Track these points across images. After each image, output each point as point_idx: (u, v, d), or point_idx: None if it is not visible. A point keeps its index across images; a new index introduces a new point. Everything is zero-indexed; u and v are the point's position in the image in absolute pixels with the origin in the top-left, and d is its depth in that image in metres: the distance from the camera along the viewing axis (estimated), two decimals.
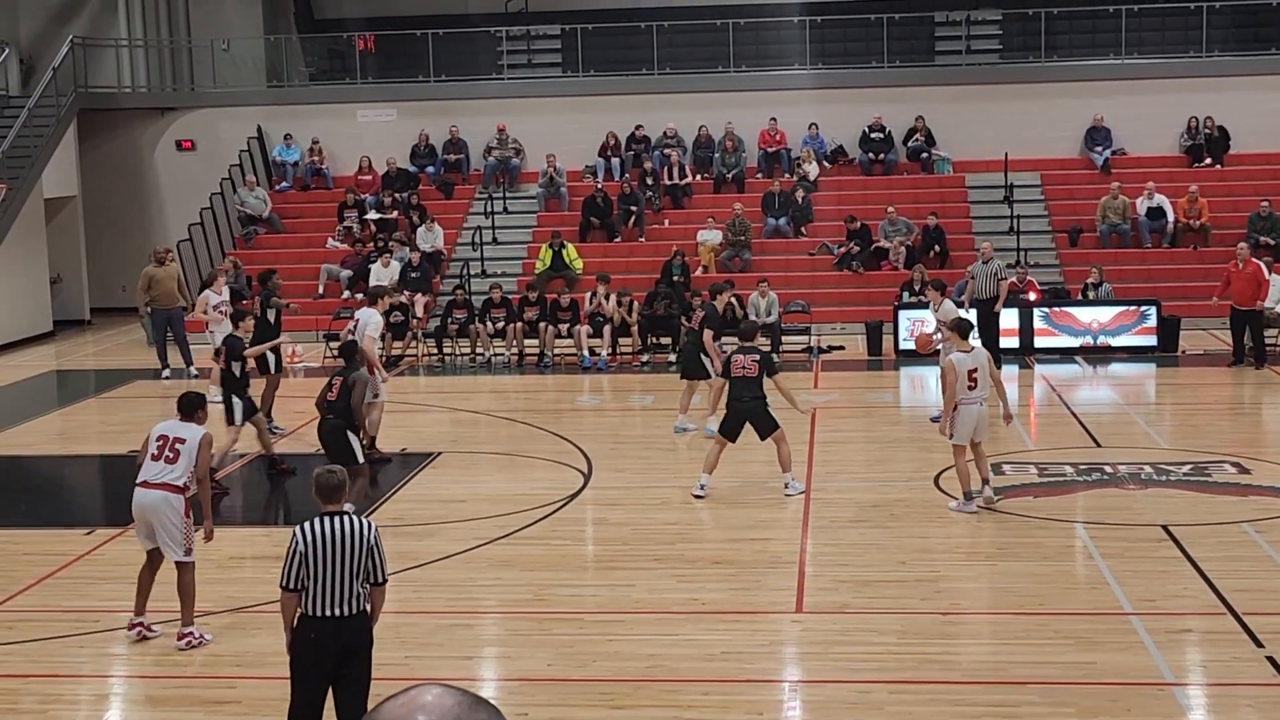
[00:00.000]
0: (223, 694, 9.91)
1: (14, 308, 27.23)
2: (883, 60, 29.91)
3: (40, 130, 27.92)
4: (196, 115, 30.71)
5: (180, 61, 32.40)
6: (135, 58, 31.61)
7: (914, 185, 28.53)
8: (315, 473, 8.34)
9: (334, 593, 8.02)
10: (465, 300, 24.52)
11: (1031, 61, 29.84)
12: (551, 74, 31.53)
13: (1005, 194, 27.98)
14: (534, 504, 14.63)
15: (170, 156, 30.77)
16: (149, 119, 30.80)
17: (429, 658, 10.37)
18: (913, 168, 28.97)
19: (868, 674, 9.96)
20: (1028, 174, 28.47)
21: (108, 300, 30.31)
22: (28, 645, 10.98)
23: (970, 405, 13.63)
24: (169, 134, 30.78)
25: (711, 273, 26.20)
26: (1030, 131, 28.63)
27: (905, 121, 29.00)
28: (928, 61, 30.83)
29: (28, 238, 27.55)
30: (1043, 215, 27.78)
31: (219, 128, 30.43)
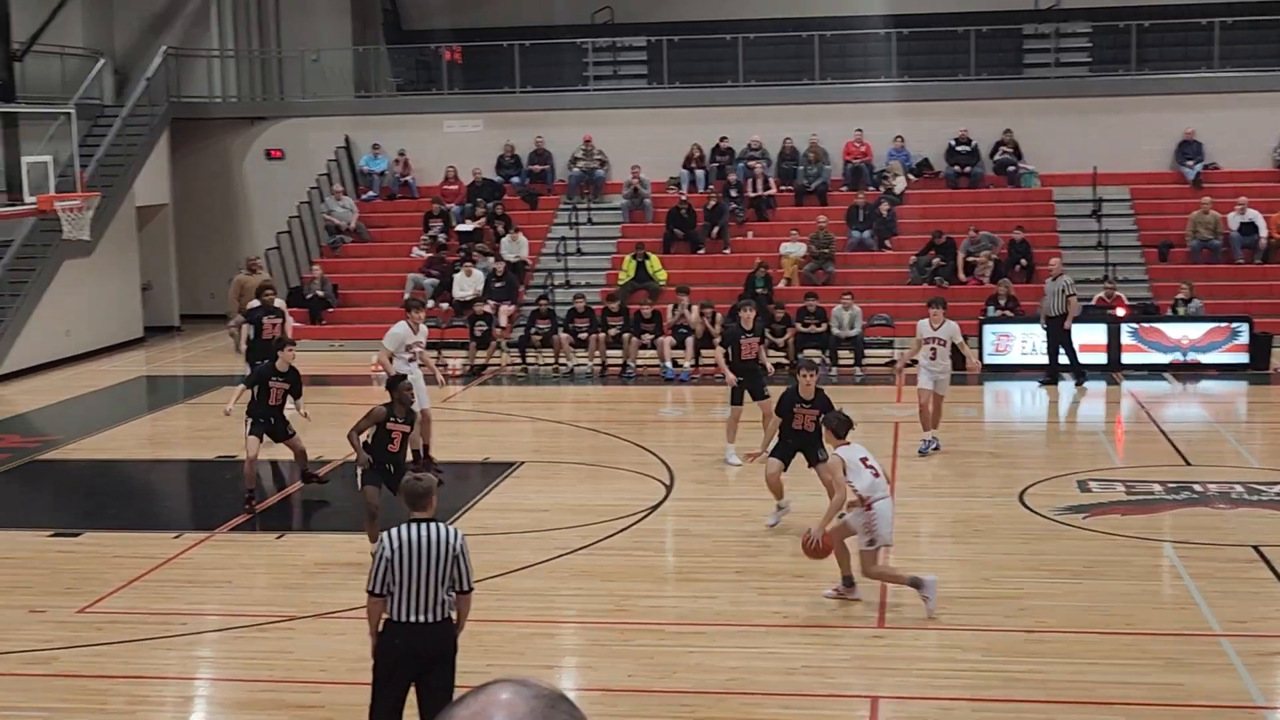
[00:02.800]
0: (307, 698, 10.01)
1: (106, 314, 27.68)
2: (970, 73, 29.69)
3: (133, 139, 28.38)
4: (286, 125, 31.09)
5: (270, 72, 32.82)
6: (226, 68, 32.07)
7: (1000, 199, 28.28)
8: (404, 479, 8.40)
9: (420, 599, 8.07)
10: (549, 310, 24.62)
11: (1121, 74, 29.49)
12: (637, 85, 31.60)
13: (1094, 208, 27.66)
14: (616, 514, 14.64)
15: (259, 166, 31.18)
16: (239, 128, 31.22)
17: (510, 666, 10.40)
18: (999, 181, 28.72)
19: (951, 691, 9.88)
20: (1117, 188, 28.12)
21: (197, 307, 30.74)
22: (116, 647, 11.14)
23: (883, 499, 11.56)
24: (259, 143, 31.19)
25: (795, 285, 26.13)
26: (1120, 145, 28.29)
27: (992, 135, 28.76)
28: (1016, 74, 30.56)
29: (120, 245, 28.01)
30: (1132, 230, 27.42)
31: (308, 137, 30.78)
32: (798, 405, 13.75)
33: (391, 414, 12.69)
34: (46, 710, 9.90)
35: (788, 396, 13.90)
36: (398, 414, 12.73)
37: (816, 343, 23.76)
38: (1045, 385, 21.93)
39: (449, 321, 25.68)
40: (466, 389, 23.09)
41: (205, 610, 12.11)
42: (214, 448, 18.51)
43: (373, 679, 8.33)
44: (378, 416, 12.67)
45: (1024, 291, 24.82)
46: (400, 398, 12.80)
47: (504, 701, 2.28)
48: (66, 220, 23.06)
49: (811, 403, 13.68)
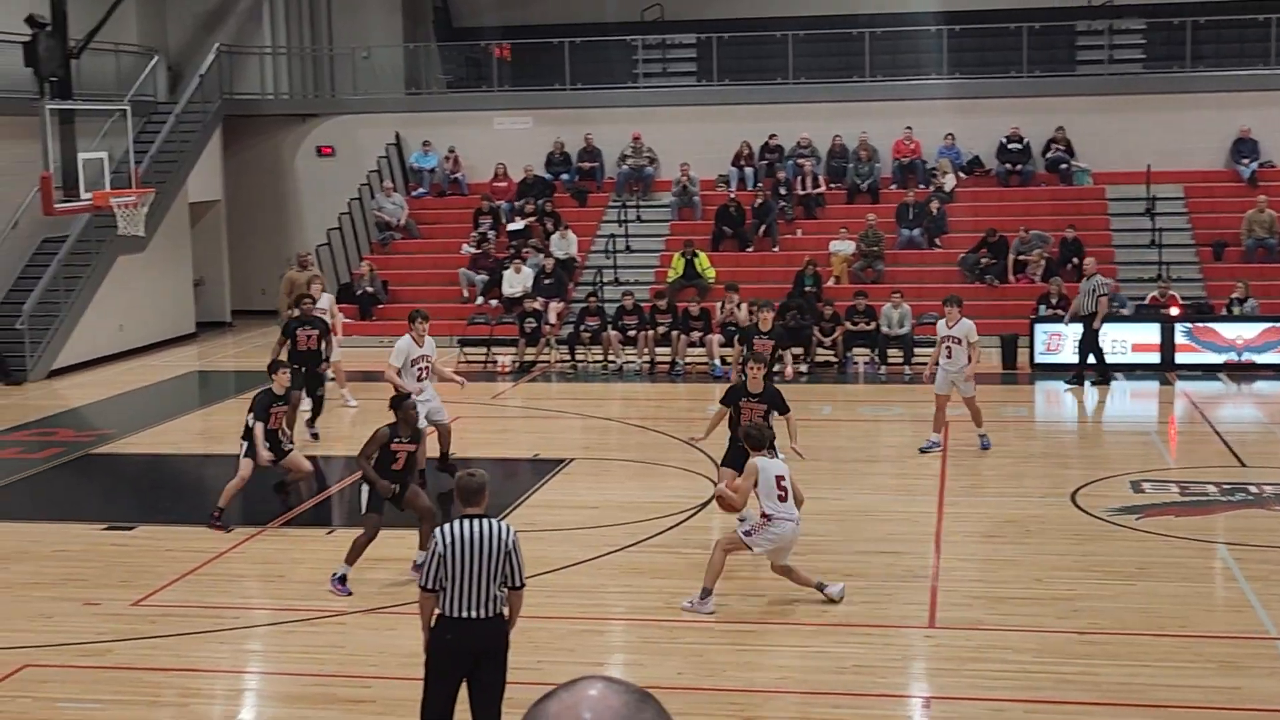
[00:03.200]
0: (358, 692, 10.05)
1: (159, 309, 27.92)
2: (1022, 70, 29.49)
3: (186, 136, 28.59)
4: (337, 122, 31.25)
5: (322, 69, 33.00)
6: (279, 65, 32.26)
7: (1052, 197, 28.08)
8: (457, 476, 8.42)
9: (472, 595, 8.09)
10: (598, 307, 24.64)
11: (1176, 71, 29.21)
12: (686, 83, 31.57)
13: (1147, 206, 27.43)
14: (665, 512, 14.64)
15: (310, 162, 31.36)
16: (291, 125, 31.40)
17: (560, 662, 10.41)
18: (1051, 179, 28.52)
19: (1002, 692, 9.82)
20: (1171, 186, 27.85)
21: (248, 303, 30.95)
22: (169, 640, 11.23)
23: (785, 521, 11.49)
24: (310, 140, 31.36)
25: (844, 283, 26.05)
26: (1174, 143, 28.03)
27: (1044, 132, 28.56)
28: (1068, 71, 30.35)
29: (173, 241, 28.24)
30: (1185, 229, 27.18)
31: (358, 134, 30.92)
32: (745, 399, 13.26)
33: (396, 434, 12.24)
34: (101, 702, 9.99)
35: (735, 389, 13.51)
36: (402, 433, 12.27)
37: (865, 341, 23.69)
38: (1071, 386, 21.82)
39: (498, 318, 25.74)
40: (516, 386, 23.14)
41: (257, 604, 12.20)
42: None
43: (425, 674, 8.36)
44: (381, 439, 12.19)
45: (1075, 291, 24.61)
46: (405, 417, 12.33)
47: (593, 698, 2.30)
48: (121, 216, 23.26)
49: (759, 396, 13.23)
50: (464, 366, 24.40)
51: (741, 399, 13.26)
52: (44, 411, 21.67)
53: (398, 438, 12.25)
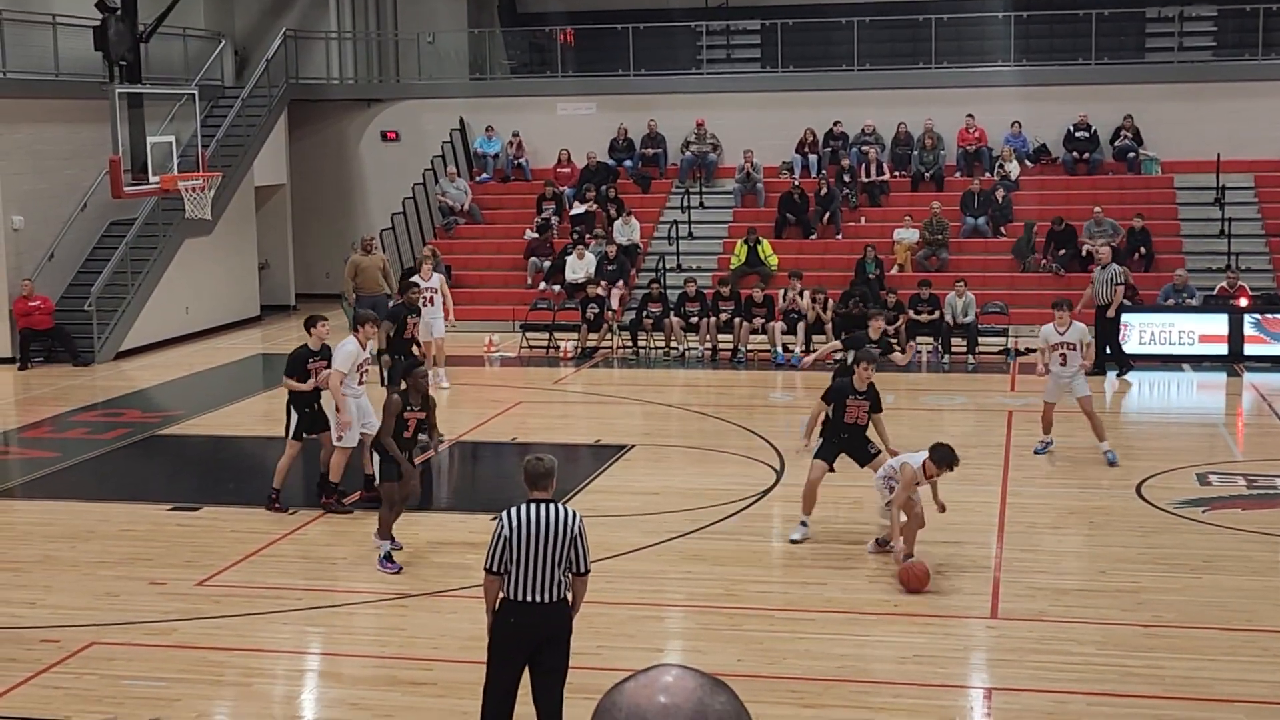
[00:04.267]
0: (420, 675, 10.10)
1: (224, 292, 28.16)
2: (1090, 57, 29.17)
3: (252, 120, 28.81)
4: (401, 107, 31.38)
5: (386, 54, 33.14)
6: (344, 50, 32.43)
7: (1120, 185, 27.77)
8: (525, 459, 8.41)
9: (536, 579, 8.09)
10: (660, 294, 24.62)
11: (1247, 59, 28.80)
12: (750, 69, 31.46)
13: (1216, 195, 27.07)
14: (726, 499, 14.62)
15: (375, 147, 31.51)
16: (356, 110, 31.57)
17: (620, 648, 10.43)
18: (1119, 168, 28.21)
19: (1065, 684, 9.74)
20: (1240, 175, 27.47)
21: (312, 286, 31.15)
22: (233, 619, 11.33)
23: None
24: (374, 125, 31.51)
25: (908, 271, 25.89)
26: (1244, 131, 27.64)
27: (1112, 120, 28.24)
28: (1137, 59, 29.97)
29: (239, 224, 28.47)
30: (1255, 219, 26.80)
31: (422, 119, 31.04)
32: (851, 397, 13.14)
33: (408, 402, 12.46)
34: (166, 680, 10.09)
35: (841, 387, 13.36)
36: (413, 401, 12.49)
37: (929, 330, 23.55)
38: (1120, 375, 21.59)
39: (561, 304, 25.78)
40: (578, 371, 23.17)
41: (319, 586, 12.28)
42: None
43: (488, 657, 8.38)
44: (395, 408, 12.36)
45: (1143, 280, 24.39)
46: (414, 384, 12.58)
47: (667, 684, 2.35)
48: (189, 199, 23.48)
49: (865, 394, 13.18)
50: (526, 351, 24.49)
51: (849, 397, 13.16)
52: (111, 393, 21.93)
53: (409, 406, 12.47)
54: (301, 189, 31.18)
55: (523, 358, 24.23)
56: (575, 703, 8.32)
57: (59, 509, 15.20)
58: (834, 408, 13.20)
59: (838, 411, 13.17)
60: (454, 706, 9.30)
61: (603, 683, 8.85)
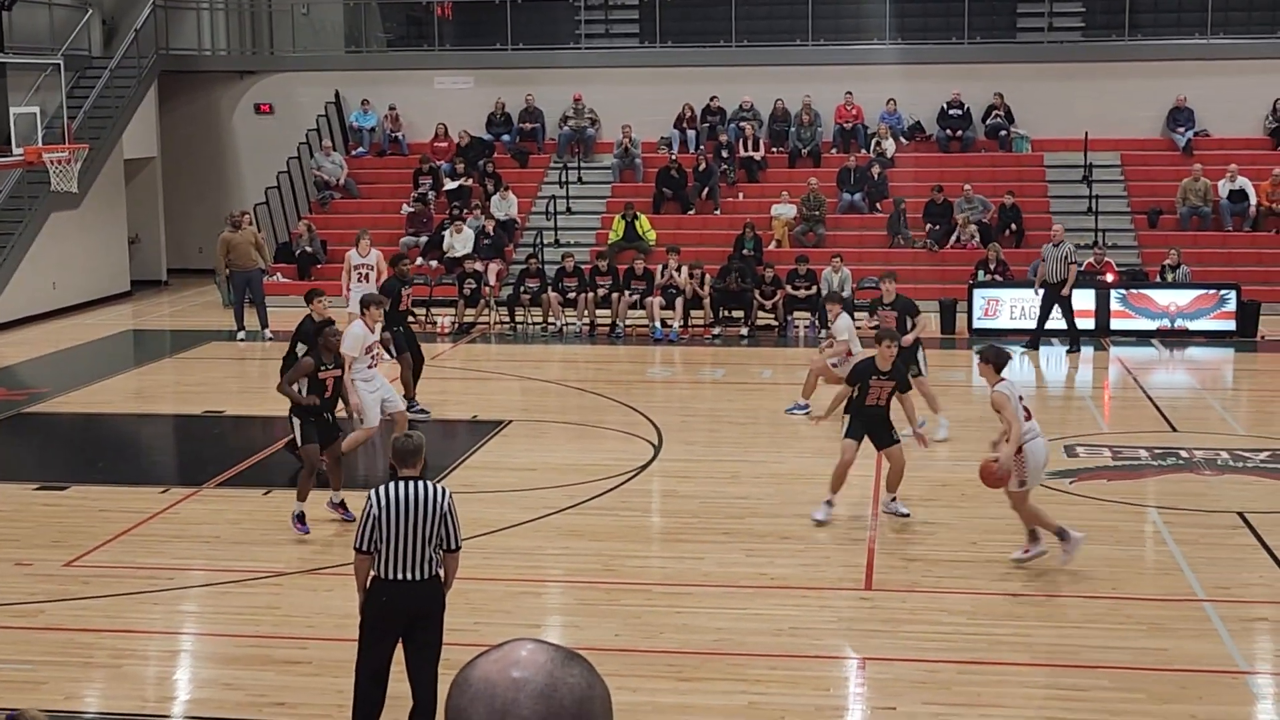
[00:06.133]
0: (294, 654, 10.01)
1: (93, 267, 27.58)
2: (963, 36, 29.58)
3: (121, 91, 28.20)
4: (275, 79, 30.91)
5: (260, 25, 32.61)
6: (216, 20, 31.85)
7: (992, 163, 28.23)
8: (393, 437, 8.38)
9: (406, 557, 8.07)
10: (538, 269, 24.57)
11: (1114, 40, 29.40)
12: (629, 44, 31.44)
13: (1084, 174, 27.63)
14: (603, 474, 14.66)
15: (249, 120, 31.01)
16: (228, 82, 31.04)
17: (497, 624, 10.42)
18: (991, 145, 28.66)
19: (936, 653, 9.92)
20: (1108, 154, 28.08)
21: (185, 261, 30.63)
22: (102, 600, 11.15)
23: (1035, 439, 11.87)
24: (248, 97, 31.01)
25: (785, 247, 26.09)
26: (1111, 111, 28.23)
27: (984, 99, 28.67)
28: (1009, 38, 30.43)
29: (107, 198, 27.87)
30: (1122, 196, 27.41)
31: (297, 92, 30.61)
32: (875, 377, 13.04)
33: (321, 362, 12.65)
34: (33, 663, 9.90)
35: (864, 366, 13.22)
36: (326, 360, 12.68)
37: (806, 305, 23.77)
38: (1028, 350, 21.90)
39: (438, 279, 25.62)
40: (455, 347, 23.06)
41: (192, 565, 12.10)
42: (201, 402, 18.50)
43: (360, 636, 8.34)
44: (307, 368, 12.61)
45: (1013, 256, 24.84)
46: (326, 344, 12.71)
47: (520, 658, 2.37)
48: (54, 172, 22.92)
49: (889, 374, 13.06)
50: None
51: (871, 377, 13.01)
52: None
53: (323, 365, 12.63)
54: (173, 162, 30.59)
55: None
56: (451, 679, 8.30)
57: None
58: (858, 388, 13.08)
59: (861, 392, 13.04)
60: (329, 685, 9.24)
61: None
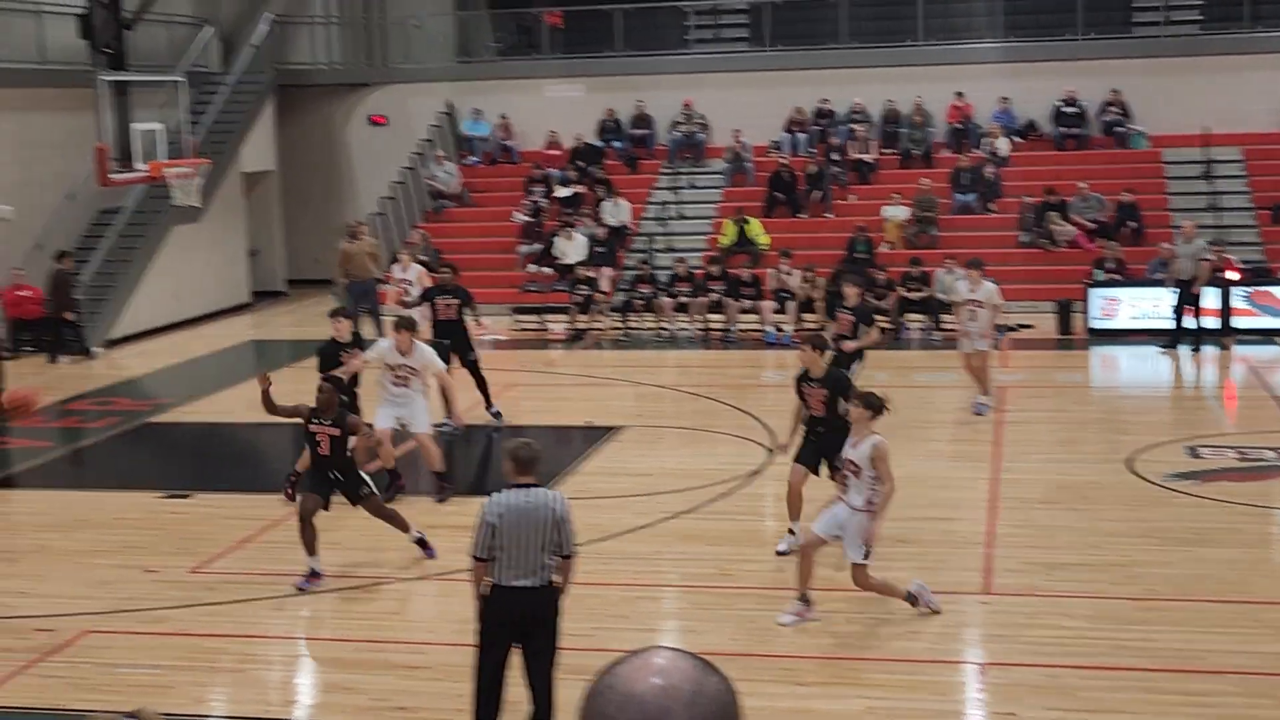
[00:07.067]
0: (414, 659, 10.13)
1: (214, 279, 28.12)
2: (1077, 32, 29.14)
3: (240, 107, 28.73)
4: (389, 91, 31.31)
5: (374, 38, 33.05)
6: (330, 35, 32.34)
7: (1108, 160, 27.77)
8: (508, 444, 8.42)
9: (523, 563, 8.12)
10: (650, 275, 24.62)
11: (1234, 32, 28.78)
12: (738, 48, 31.40)
13: (1204, 170, 27.09)
14: (718, 479, 14.64)
15: (363, 132, 31.44)
16: (343, 95, 31.50)
17: (614, 629, 10.45)
18: (1107, 142, 28.21)
19: (1057, 658, 9.77)
20: (1228, 149, 27.48)
21: (303, 272, 31.12)
22: (227, 606, 11.34)
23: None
24: (362, 109, 31.45)
25: (897, 249, 25.90)
26: (1232, 105, 27.62)
27: (1100, 95, 28.22)
28: (1124, 33, 29.93)
29: (228, 211, 28.42)
30: (1244, 191, 26.82)
31: (410, 103, 30.97)
32: (805, 384, 11.97)
33: (315, 414, 11.61)
34: (161, 668, 10.11)
35: (799, 374, 12.11)
36: (321, 416, 11.57)
37: (919, 307, 23.58)
38: (1166, 350, 21.45)
39: (551, 286, 25.77)
40: (569, 353, 23.17)
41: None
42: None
43: (477, 641, 8.41)
44: (301, 413, 11.73)
45: (1132, 255, 24.42)
46: (320, 399, 11.64)
47: (659, 666, 2.36)
48: (176, 187, 23.42)
49: (819, 381, 11.88)
50: (517, 334, 24.50)
51: (802, 384, 12.01)
52: (102, 381, 21.89)
53: (317, 419, 11.67)
54: (290, 175, 31.12)
55: (514, 340, 24.24)
56: (570, 684, 8.33)
57: (52, 498, 15.21)
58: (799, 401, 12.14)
59: (803, 403, 12.09)
60: (449, 689, 9.32)
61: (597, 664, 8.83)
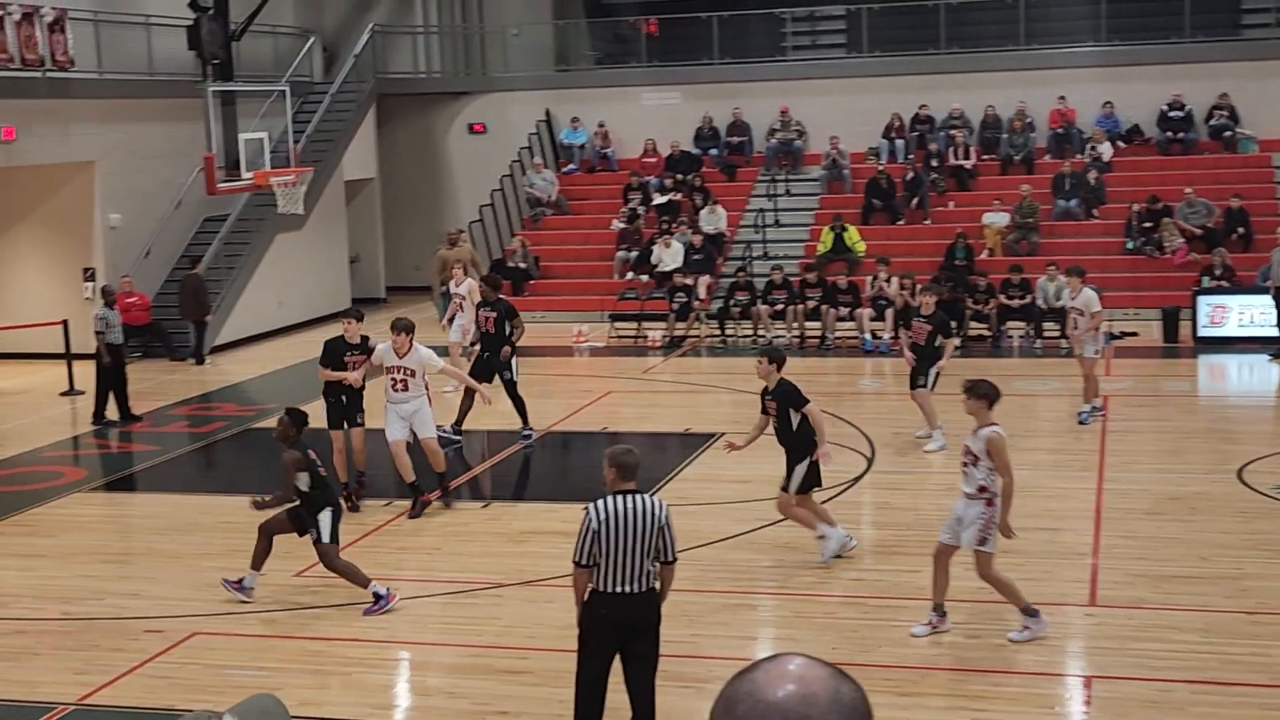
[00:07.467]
0: (516, 664, 10.16)
1: (316, 286, 28.47)
2: (1183, 34, 28.68)
3: (342, 115, 29.10)
4: (488, 99, 31.53)
5: (473, 47, 33.33)
6: (430, 44, 32.66)
7: (1216, 165, 27.29)
8: (610, 451, 8.40)
9: (625, 570, 8.11)
10: (747, 282, 24.58)
11: None
12: (835, 55, 31.28)
13: None
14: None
15: (462, 140, 31.70)
16: (443, 103, 31.77)
17: (715, 636, 10.43)
18: (1214, 147, 27.73)
19: (1168, 672, 9.60)
20: None
21: (402, 279, 31.41)
22: (331, 610, 11.46)
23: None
24: (461, 118, 31.70)
25: (997, 255, 25.63)
26: None
27: (1207, 99, 27.75)
28: (1232, 35, 29.43)
29: (329, 218, 28.77)
30: None
31: (509, 111, 31.18)
32: (765, 397, 12.07)
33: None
34: (267, 670, 10.23)
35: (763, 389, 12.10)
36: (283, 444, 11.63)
37: (1020, 315, 23.31)
38: (1276, 358, 21.04)
39: (648, 293, 25.81)
40: (666, 360, 23.18)
41: (414, 576, 12.38)
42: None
43: (578, 647, 8.41)
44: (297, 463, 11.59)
45: (1240, 261, 23.97)
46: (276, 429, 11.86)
47: (795, 673, 2.35)
48: (281, 195, 23.77)
49: (772, 393, 11.94)
50: (614, 341, 24.55)
51: (764, 397, 12.03)
52: (206, 387, 22.24)
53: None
54: (391, 183, 31.45)
55: (611, 347, 24.30)
56: (670, 690, 8.33)
57: (162, 501, 15.47)
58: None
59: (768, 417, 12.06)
60: (550, 695, 9.35)
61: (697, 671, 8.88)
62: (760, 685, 2.33)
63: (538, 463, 17.09)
